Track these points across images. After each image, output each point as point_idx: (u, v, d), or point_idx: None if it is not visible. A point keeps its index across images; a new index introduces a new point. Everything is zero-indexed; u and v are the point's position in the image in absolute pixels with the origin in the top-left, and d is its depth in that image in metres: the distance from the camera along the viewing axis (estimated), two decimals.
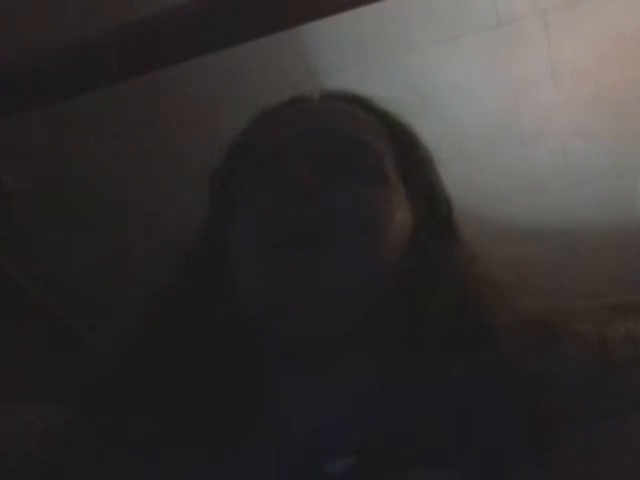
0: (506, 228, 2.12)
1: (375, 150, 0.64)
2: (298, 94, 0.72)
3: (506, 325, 0.59)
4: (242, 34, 1.64)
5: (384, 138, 0.66)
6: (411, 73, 1.78)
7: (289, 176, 0.58)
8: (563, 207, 2.16)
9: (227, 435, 0.56)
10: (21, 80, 1.72)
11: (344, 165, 0.62)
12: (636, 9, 1.65)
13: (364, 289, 0.58)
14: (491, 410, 0.53)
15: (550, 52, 1.74)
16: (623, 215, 2.16)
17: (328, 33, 1.70)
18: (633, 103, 1.84)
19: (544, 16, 1.67)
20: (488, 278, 0.63)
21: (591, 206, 2.15)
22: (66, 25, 1.60)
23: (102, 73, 1.71)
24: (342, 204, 0.59)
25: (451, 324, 0.58)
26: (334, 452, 0.53)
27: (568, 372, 0.55)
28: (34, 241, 2.13)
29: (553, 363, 0.55)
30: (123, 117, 1.87)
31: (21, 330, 2.21)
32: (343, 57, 1.75)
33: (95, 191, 2.03)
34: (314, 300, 0.56)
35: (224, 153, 0.70)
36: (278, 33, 1.64)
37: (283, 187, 0.58)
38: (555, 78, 1.80)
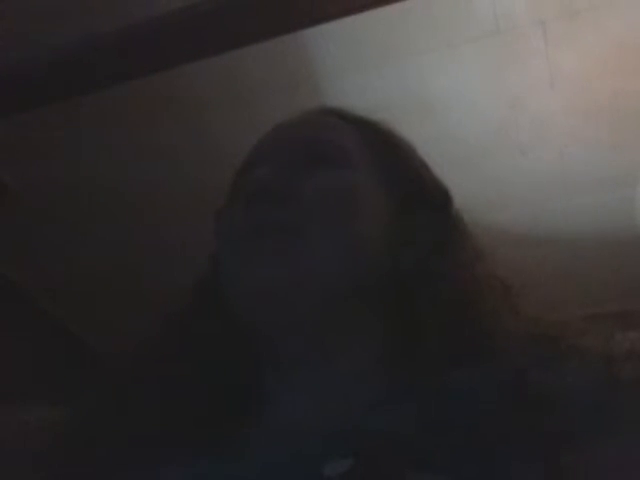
0: (502, 236, 2.12)
1: (335, 141, 0.66)
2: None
3: (509, 332, 0.59)
4: (243, 38, 1.65)
5: (352, 133, 0.68)
6: (410, 80, 1.79)
7: (251, 181, 0.64)
8: (561, 215, 2.17)
9: (225, 439, 0.57)
10: (21, 80, 1.72)
11: (305, 159, 0.64)
12: (635, 19, 1.66)
13: (337, 266, 0.60)
14: (490, 418, 0.53)
15: (548, 60, 1.75)
16: (621, 224, 2.17)
17: (327, 40, 1.70)
18: (631, 112, 1.84)
19: (543, 24, 1.68)
20: (491, 280, 0.63)
21: (589, 215, 2.16)
22: (66, 25, 1.61)
23: (102, 74, 1.71)
24: (305, 190, 0.62)
25: (449, 328, 0.58)
26: (332, 455, 0.53)
27: (571, 389, 0.55)
28: (34, 241, 2.13)
29: (556, 379, 0.55)
30: (123, 117, 1.87)
31: (21, 330, 2.21)
32: (342, 64, 1.75)
33: (94, 191, 2.03)
34: (284, 283, 0.58)
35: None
36: (279, 37, 1.65)
37: (246, 191, 0.63)
38: (553, 86, 1.80)
